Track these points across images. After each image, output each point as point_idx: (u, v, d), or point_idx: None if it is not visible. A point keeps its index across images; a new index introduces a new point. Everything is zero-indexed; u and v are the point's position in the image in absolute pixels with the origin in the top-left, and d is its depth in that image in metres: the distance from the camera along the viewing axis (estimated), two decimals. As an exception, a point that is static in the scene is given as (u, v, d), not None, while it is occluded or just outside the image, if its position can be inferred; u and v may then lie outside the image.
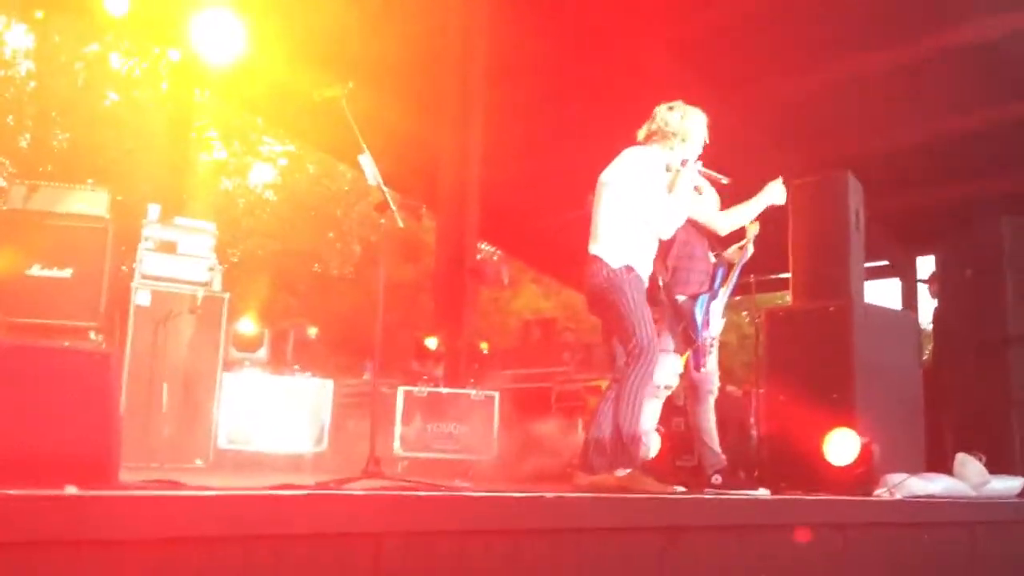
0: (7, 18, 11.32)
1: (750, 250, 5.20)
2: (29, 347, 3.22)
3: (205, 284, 6.37)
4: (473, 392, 7.31)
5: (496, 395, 7.33)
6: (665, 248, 4.88)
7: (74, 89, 12.22)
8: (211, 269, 6.46)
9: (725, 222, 5.11)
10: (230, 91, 11.37)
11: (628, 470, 4.30)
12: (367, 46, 8.65)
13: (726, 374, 6.14)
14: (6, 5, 10.86)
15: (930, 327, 8.10)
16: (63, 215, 6.35)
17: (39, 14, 11.04)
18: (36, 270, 6.40)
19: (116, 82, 12.77)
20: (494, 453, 7.15)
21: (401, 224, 4.63)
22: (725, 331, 5.38)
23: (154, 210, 6.56)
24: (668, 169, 4.69)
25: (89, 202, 6.66)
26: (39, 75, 12.37)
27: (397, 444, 6.97)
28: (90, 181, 9.66)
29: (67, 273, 6.44)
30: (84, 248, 6.42)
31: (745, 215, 5.13)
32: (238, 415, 6.47)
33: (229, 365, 6.55)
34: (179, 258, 6.39)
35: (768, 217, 5.23)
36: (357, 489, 3.51)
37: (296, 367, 7.08)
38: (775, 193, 5.17)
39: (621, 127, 4.87)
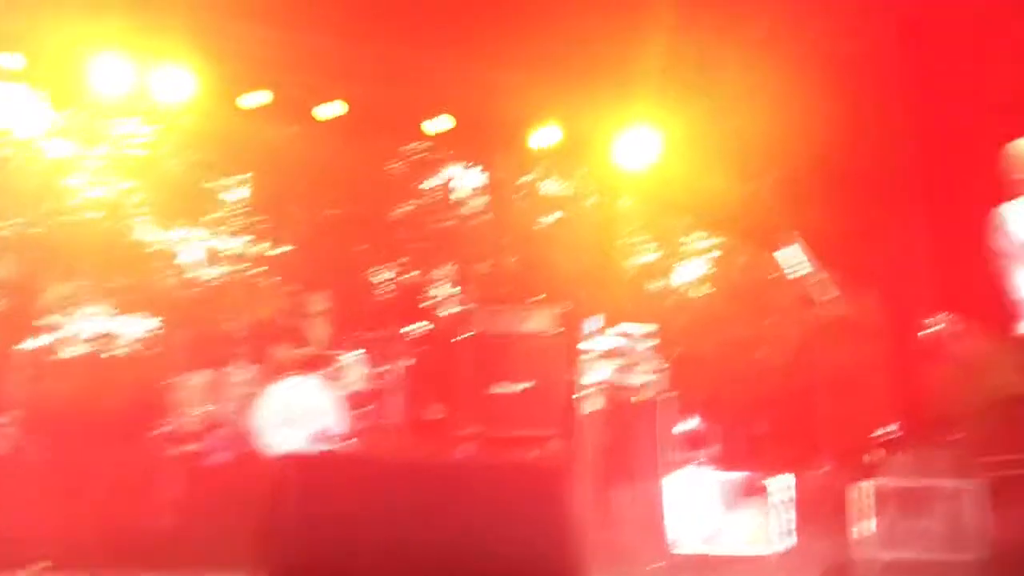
0: (464, 165, 12.97)
1: None
2: (496, 464, 3.50)
3: (650, 385, 6.54)
4: (949, 484, 6.53)
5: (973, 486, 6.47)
6: None
7: (516, 216, 13.47)
8: (655, 371, 6.64)
9: None
10: (653, 196, 11.79)
11: None
12: (784, 143, 8.46)
13: None
14: (459, 155, 12.47)
15: None
16: (520, 335, 6.96)
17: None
18: (501, 386, 7.07)
19: (549, 205, 13.87)
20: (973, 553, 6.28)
21: (836, 311, 4.42)
22: None
23: (595, 320, 6.93)
24: None
25: (540, 319, 7.26)
26: (490, 208, 13.80)
27: (869, 544, 6.41)
28: (540, 297, 10.54)
29: (527, 387, 7.03)
30: (540, 363, 6.98)
31: None
32: (691, 517, 6.43)
33: (676, 465, 6.58)
34: (623, 363, 6.65)
35: None
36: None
37: (747, 465, 6.90)
38: None
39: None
